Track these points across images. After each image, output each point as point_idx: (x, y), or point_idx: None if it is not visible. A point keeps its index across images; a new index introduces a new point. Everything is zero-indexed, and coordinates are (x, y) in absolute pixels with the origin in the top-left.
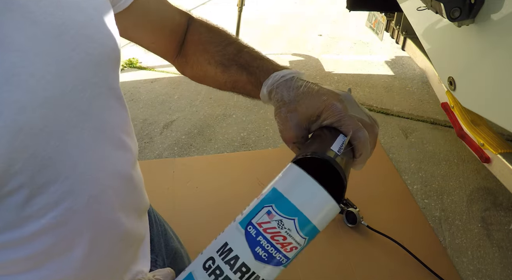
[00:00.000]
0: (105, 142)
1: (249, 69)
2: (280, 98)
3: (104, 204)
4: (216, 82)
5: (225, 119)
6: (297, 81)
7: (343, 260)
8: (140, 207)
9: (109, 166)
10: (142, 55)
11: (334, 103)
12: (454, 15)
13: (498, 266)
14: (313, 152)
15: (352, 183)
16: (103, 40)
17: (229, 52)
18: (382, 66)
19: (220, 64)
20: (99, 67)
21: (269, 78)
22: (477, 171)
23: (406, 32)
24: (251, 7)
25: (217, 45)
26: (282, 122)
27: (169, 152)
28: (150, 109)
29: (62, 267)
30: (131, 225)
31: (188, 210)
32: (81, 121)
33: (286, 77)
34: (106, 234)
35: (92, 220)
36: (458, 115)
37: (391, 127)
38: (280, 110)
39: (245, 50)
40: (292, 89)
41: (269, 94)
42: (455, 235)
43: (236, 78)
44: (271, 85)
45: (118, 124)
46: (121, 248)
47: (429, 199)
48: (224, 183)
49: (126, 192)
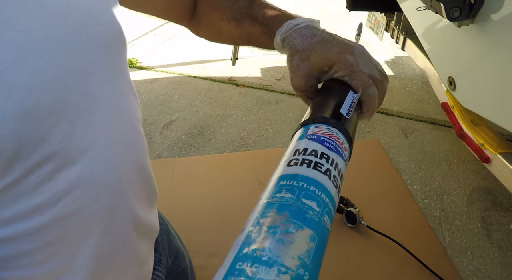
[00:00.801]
0: (119, 128)
1: (261, 20)
2: (293, 46)
3: (118, 193)
4: (231, 38)
5: (225, 119)
6: (312, 30)
7: (343, 260)
8: (152, 198)
9: (123, 153)
10: (142, 55)
11: (346, 56)
12: (454, 15)
13: (498, 266)
14: (323, 117)
15: (352, 183)
16: (109, 24)
17: (241, 6)
18: (382, 66)
19: (233, 18)
20: (107, 51)
21: (283, 26)
22: (477, 171)
23: (406, 32)
24: None
25: (228, 0)
26: (293, 70)
27: (169, 152)
28: (150, 109)
29: (74, 258)
30: (144, 215)
31: (188, 210)
32: (92, 105)
33: (300, 25)
34: (119, 224)
35: (105, 209)
36: (458, 115)
37: (391, 127)
38: (293, 58)
39: (256, 2)
40: (306, 37)
41: (282, 42)
42: (455, 235)
43: (250, 31)
44: (285, 33)
45: (131, 110)
46: (134, 240)
47: (429, 199)
48: (224, 183)
49: (140, 180)
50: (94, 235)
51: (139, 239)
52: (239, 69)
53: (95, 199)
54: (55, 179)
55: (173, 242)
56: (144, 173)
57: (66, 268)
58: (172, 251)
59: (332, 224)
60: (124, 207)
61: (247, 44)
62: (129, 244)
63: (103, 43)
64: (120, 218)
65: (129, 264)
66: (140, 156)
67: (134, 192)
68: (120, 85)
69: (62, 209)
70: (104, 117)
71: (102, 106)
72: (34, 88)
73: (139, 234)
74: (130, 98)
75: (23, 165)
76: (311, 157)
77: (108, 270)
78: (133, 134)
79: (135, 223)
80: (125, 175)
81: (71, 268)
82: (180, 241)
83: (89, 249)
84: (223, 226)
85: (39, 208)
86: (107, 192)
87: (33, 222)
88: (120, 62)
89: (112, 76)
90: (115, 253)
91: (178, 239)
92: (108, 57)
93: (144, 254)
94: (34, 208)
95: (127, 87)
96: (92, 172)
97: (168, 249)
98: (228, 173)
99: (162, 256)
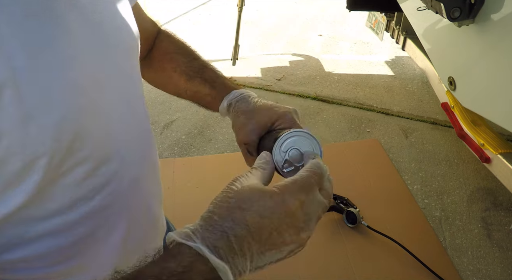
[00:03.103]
0: (138, 128)
1: (212, 83)
2: (239, 109)
3: (140, 188)
4: (176, 89)
5: (225, 119)
6: (253, 98)
7: (343, 260)
8: (161, 195)
9: (142, 152)
10: None
11: (287, 113)
12: (454, 15)
13: (498, 266)
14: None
15: (353, 183)
16: (128, 31)
17: (195, 66)
18: (382, 66)
19: (185, 74)
20: (128, 56)
21: (230, 94)
22: (477, 171)
23: (406, 32)
24: (251, 7)
25: (185, 57)
26: (239, 127)
27: (169, 152)
28: (150, 109)
29: (102, 252)
30: (158, 211)
31: (188, 210)
32: (120, 106)
33: (244, 94)
34: (141, 219)
35: (130, 203)
36: (458, 115)
37: (391, 127)
38: (239, 118)
39: (209, 67)
40: (249, 103)
41: (228, 106)
42: (455, 235)
43: (198, 89)
44: (232, 99)
45: (145, 112)
46: (153, 235)
47: (429, 199)
48: (224, 183)
49: (153, 178)
50: (120, 228)
51: (157, 236)
52: (239, 69)
53: (124, 194)
54: (96, 174)
55: None
56: (156, 171)
57: (93, 263)
58: None
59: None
60: (144, 202)
61: (190, 98)
62: (150, 238)
63: (125, 48)
64: (140, 213)
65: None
66: (153, 155)
67: (149, 189)
68: (137, 88)
69: (98, 202)
70: (128, 118)
71: (127, 107)
72: (86, 88)
73: (156, 231)
74: (143, 100)
75: (74, 158)
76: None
77: (128, 262)
78: (148, 134)
79: (153, 219)
80: (144, 172)
81: (98, 262)
82: None
83: (116, 241)
84: None
85: (80, 201)
86: (133, 187)
87: (73, 215)
88: (137, 67)
89: (133, 80)
90: (139, 246)
91: None
92: (129, 62)
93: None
94: (77, 200)
95: (141, 90)
96: (123, 168)
97: None
98: (228, 173)
99: None
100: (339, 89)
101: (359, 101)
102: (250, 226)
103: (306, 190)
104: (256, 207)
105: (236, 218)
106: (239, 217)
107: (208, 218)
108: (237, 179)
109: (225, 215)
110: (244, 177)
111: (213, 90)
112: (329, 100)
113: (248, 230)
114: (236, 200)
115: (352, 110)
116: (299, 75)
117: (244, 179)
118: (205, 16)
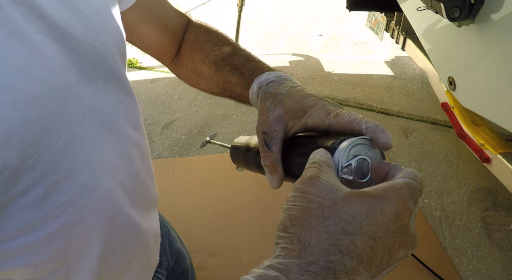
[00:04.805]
0: (113, 137)
1: (241, 69)
2: (268, 91)
3: (116, 200)
4: (209, 83)
5: (225, 119)
6: (291, 81)
7: None
8: (148, 202)
9: (118, 161)
10: (142, 55)
11: (323, 101)
12: (454, 15)
13: (498, 266)
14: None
15: None
16: (109, 34)
17: (224, 52)
18: (382, 66)
19: (214, 63)
20: (105, 61)
21: (263, 75)
22: (477, 171)
23: (406, 32)
24: (251, 7)
25: (213, 45)
26: (262, 112)
27: (169, 152)
28: (150, 109)
29: (80, 266)
30: (142, 219)
31: (188, 210)
32: (88, 116)
33: (281, 76)
34: (120, 230)
35: (106, 216)
36: (458, 115)
37: (391, 127)
38: (265, 101)
39: (241, 53)
40: (284, 86)
41: (258, 89)
42: (455, 235)
43: (227, 79)
44: (263, 81)
45: (126, 118)
46: (137, 244)
47: (429, 199)
48: (224, 183)
49: (134, 187)
50: (98, 242)
51: (142, 244)
52: None
53: (97, 207)
54: (61, 189)
55: (174, 244)
56: (138, 180)
57: (71, 277)
58: (173, 253)
59: None
60: (122, 213)
61: (223, 93)
62: (132, 249)
63: (101, 54)
64: (119, 225)
65: (131, 267)
66: (132, 163)
67: (129, 199)
68: (116, 94)
69: (68, 219)
70: (99, 127)
71: (97, 116)
72: (40, 98)
73: (140, 240)
74: (126, 105)
75: (30, 175)
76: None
77: (110, 274)
78: (126, 142)
79: (135, 229)
80: (120, 182)
81: (77, 277)
82: (181, 242)
83: (94, 255)
84: (223, 226)
85: (46, 219)
86: (107, 199)
87: (41, 233)
88: (118, 72)
89: (107, 86)
90: (119, 259)
91: (179, 241)
92: (106, 68)
93: (146, 256)
94: (42, 219)
95: (124, 95)
96: (93, 181)
97: (169, 251)
98: (228, 173)
99: (163, 258)
100: (339, 89)
101: (359, 101)
102: (361, 254)
103: (415, 199)
104: (366, 227)
105: (344, 248)
106: (346, 245)
107: (303, 251)
108: (314, 182)
109: (328, 245)
110: (320, 182)
111: (242, 77)
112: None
113: (360, 260)
114: (337, 221)
115: (352, 110)
116: (299, 75)
117: (322, 183)
118: (205, 16)
